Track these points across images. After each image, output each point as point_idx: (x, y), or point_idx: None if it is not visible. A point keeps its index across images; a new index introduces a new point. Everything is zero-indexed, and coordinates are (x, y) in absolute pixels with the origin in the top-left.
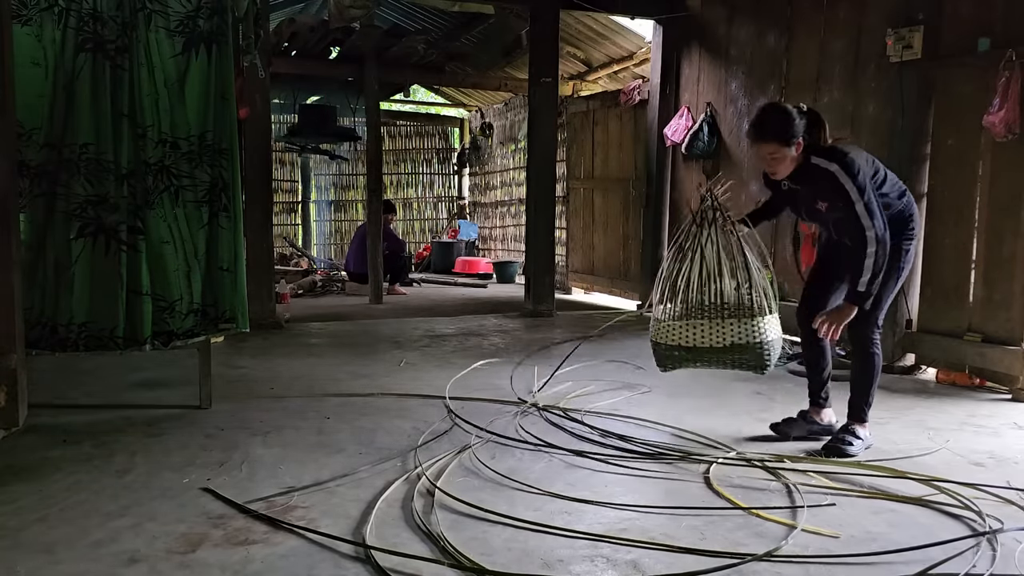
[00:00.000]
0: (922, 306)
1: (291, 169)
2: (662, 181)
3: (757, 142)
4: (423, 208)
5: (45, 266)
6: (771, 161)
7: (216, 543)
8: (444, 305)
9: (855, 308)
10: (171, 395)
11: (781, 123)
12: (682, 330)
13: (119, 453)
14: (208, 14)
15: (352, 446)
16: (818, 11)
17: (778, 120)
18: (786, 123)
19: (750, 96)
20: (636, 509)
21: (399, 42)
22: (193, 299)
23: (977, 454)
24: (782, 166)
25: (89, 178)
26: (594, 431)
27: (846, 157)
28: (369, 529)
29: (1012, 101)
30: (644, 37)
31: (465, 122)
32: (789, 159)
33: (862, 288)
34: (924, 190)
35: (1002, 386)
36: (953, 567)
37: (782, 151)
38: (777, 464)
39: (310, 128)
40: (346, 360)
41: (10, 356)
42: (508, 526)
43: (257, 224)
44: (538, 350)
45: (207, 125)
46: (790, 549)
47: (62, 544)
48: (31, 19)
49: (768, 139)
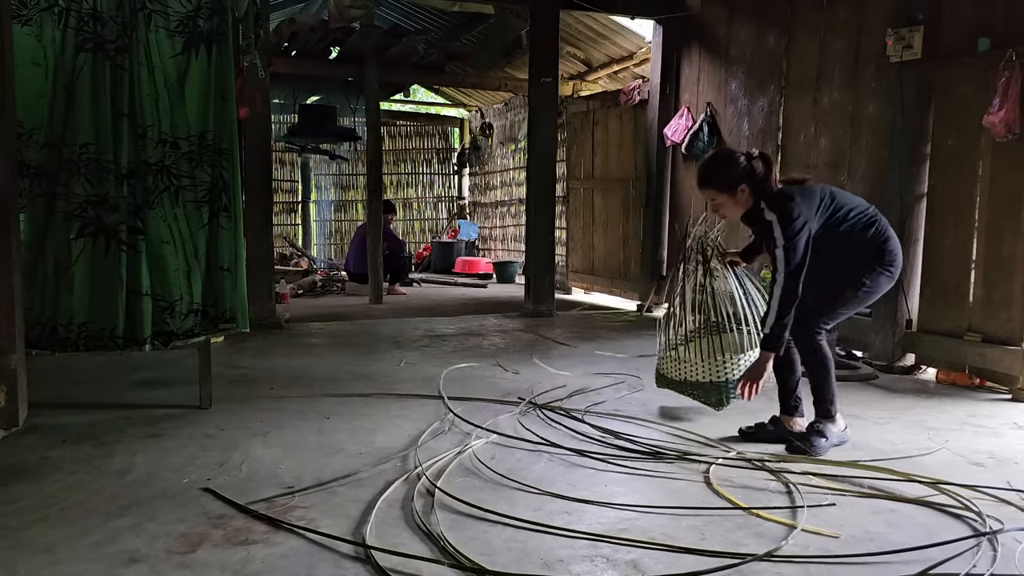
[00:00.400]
0: (922, 306)
1: (291, 169)
2: (662, 181)
3: (699, 187)
4: (423, 208)
5: (45, 266)
6: (714, 206)
7: (216, 543)
8: (444, 305)
9: (770, 357)
10: (171, 395)
11: (720, 171)
12: (665, 362)
13: (119, 453)
14: (208, 14)
15: (352, 446)
16: (818, 11)
17: (717, 168)
18: (725, 171)
19: (750, 96)
20: (636, 509)
21: (399, 42)
22: (193, 299)
23: (977, 454)
24: (726, 210)
25: (89, 178)
26: (594, 431)
27: (786, 207)
28: (369, 529)
29: (1012, 101)
30: (644, 37)
31: (465, 122)
32: (733, 204)
33: (767, 330)
34: (924, 190)
35: (1002, 386)
36: (953, 567)
37: (722, 197)
38: (777, 464)
39: (310, 128)
40: (346, 360)
41: (10, 356)
42: (508, 526)
43: (257, 224)
44: (538, 350)
45: (207, 125)
46: (790, 549)
47: (62, 544)
48: (31, 19)
49: (707, 186)
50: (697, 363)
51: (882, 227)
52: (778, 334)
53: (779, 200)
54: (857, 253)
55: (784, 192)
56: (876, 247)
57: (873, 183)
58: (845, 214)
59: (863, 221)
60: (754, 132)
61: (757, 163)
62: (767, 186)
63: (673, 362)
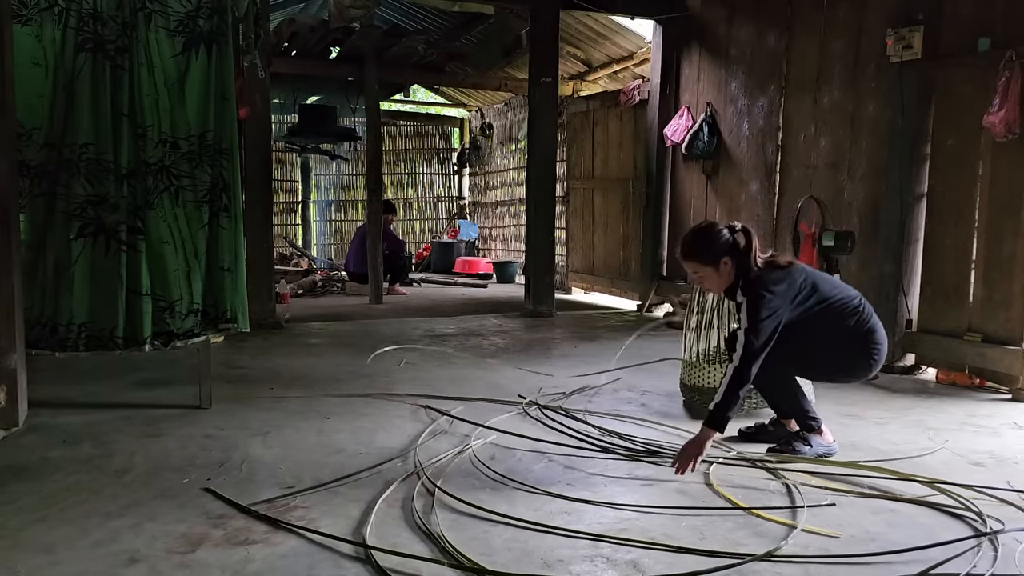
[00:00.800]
0: (922, 306)
1: (291, 169)
2: (662, 181)
3: (682, 260)
4: (423, 208)
5: (45, 266)
6: (697, 279)
7: (216, 543)
8: (444, 305)
9: (712, 434)
10: (171, 395)
11: (703, 244)
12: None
13: (119, 453)
14: (208, 14)
15: (352, 446)
16: (818, 11)
17: (700, 241)
18: (708, 244)
19: (750, 96)
20: (636, 509)
21: (399, 42)
22: (193, 299)
23: (977, 454)
24: (709, 283)
25: (89, 178)
26: (595, 430)
27: (759, 295)
28: (369, 529)
29: (1012, 101)
30: (644, 37)
31: (465, 122)
32: (716, 277)
33: (712, 408)
34: (924, 190)
35: (1002, 386)
36: (954, 567)
37: (704, 270)
38: (777, 464)
39: (310, 128)
40: (346, 360)
41: (10, 356)
42: (508, 526)
43: (257, 224)
44: (538, 350)
45: (207, 125)
46: (790, 549)
47: (62, 544)
48: (31, 19)
49: (690, 259)
50: (714, 371)
51: (866, 316)
52: (722, 415)
53: (754, 286)
54: (839, 342)
55: (763, 278)
56: (860, 337)
57: (873, 183)
58: (826, 303)
59: (846, 311)
60: (754, 132)
61: (739, 236)
62: (747, 261)
63: (695, 369)
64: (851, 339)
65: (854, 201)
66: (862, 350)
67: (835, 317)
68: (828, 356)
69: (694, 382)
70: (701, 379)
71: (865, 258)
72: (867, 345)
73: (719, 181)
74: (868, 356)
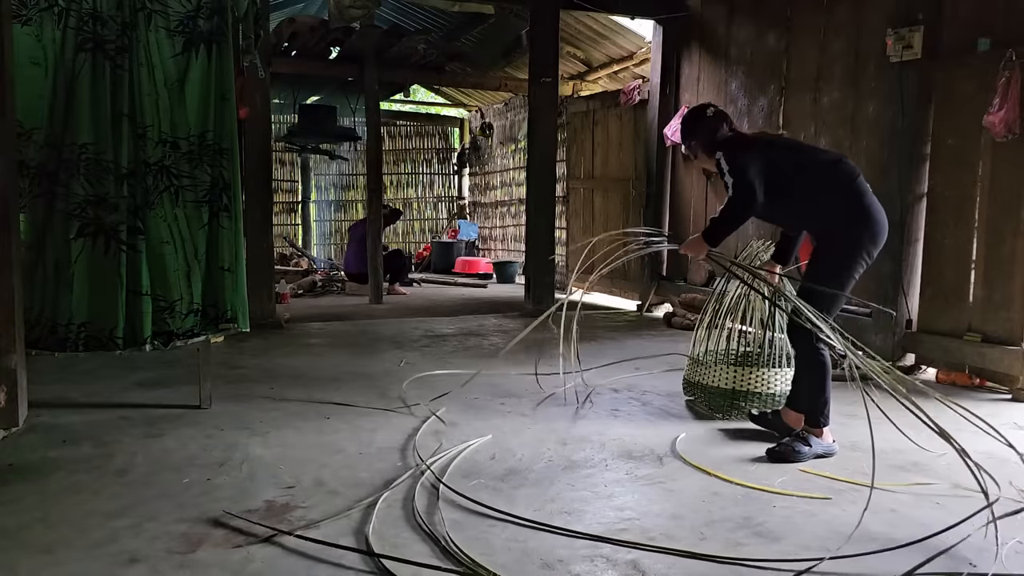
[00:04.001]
0: (922, 306)
1: (291, 169)
2: (662, 181)
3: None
4: (423, 208)
5: (45, 266)
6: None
7: (216, 543)
8: (444, 305)
9: (703, 243)
10: (171, 395)
11: (692, 122)
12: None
13: (119, 453)
14: (208, 14)
15: (352, 446)
16: (818, 11)
17: (690, 120)
18: (696, 122)
19: (750, 96)
20: (636, 509)
21: (399, 42)
22: (193, 299)
23: (977, 454)
24: (702, 162)
25: (88, 178)
26: (595, 428)
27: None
28: (370, 529)
29: (1012, 101)
30: (644, 37)
31: (465, 122)
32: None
33: (708, 223)
34: (924, 190)
35: (1002, 386)
36: (954, 567)
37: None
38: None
39: (310, 128)
40: (346, 360)
41: (10, 356)
42: (508, 526)
43: (257, 224)
44: (538, 350)
45: (207, 125)
46: (790, 549)
47: (62, 544)
48: (31, 19)
49: (684, 139)
50: (720, 370)
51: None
52: (715, 231)
53: (731, 141)
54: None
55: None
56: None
57: (873, 183)
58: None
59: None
60: (754, 132)
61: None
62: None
63: (701, 367)
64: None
65: None
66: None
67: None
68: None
69: (699, 379)
70: (707, 378)
71: None
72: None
73: (719, 181)
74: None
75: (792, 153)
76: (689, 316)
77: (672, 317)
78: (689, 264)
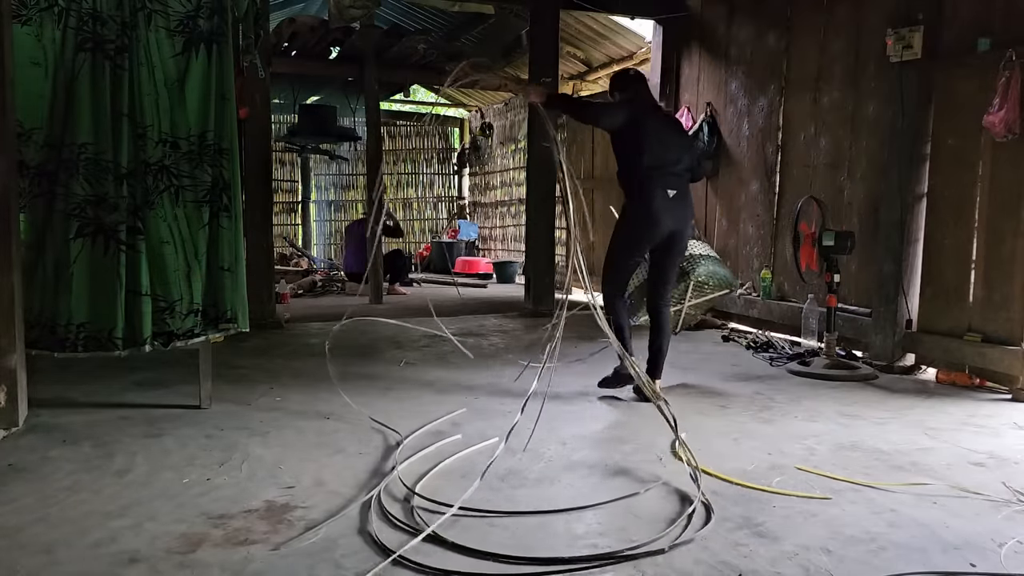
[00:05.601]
0: (922, 306)
1: (291, 169)
2: None
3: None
4: (423, 208)
5: (44, 266)
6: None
7: (216, 543)
8: (444, 305)
9: (547, 93)
10: (171, 395)
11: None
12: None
13: (119, 453)
14: (208, 14)
15: (352, 446)
16: (818, 11)
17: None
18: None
19: (750, 96)
20: (636, 509)
21: (399, 42)
22: (193, 299)
23: (977, 454)
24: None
25: (88, 178)
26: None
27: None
28: (370, 528)
29: (1012, 101)
30: (644, 37)
31: (465, 122)
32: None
33: (570, 96)
34: (924, 190)
35: (1002, 386)
36: (953, 567)
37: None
38: (776, 464)
39: (310, 128)
40: (346, 360)
41: (10, 356)
42: (508, 525)
43: (257, 224)
44: (538, 350)
45: (207, 125)
46: (791, 549)
47: (62, 544)
48: (31, 19)
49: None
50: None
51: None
52: (565, 100)
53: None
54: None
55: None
56: (632, 184)
57: (873, 183)
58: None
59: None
60: (754, 132)
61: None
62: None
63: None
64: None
65: (854, 201)
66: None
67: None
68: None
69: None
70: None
71: (865, 258)
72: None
73: (719, 181)
74: (633, 203)
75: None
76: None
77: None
78: None
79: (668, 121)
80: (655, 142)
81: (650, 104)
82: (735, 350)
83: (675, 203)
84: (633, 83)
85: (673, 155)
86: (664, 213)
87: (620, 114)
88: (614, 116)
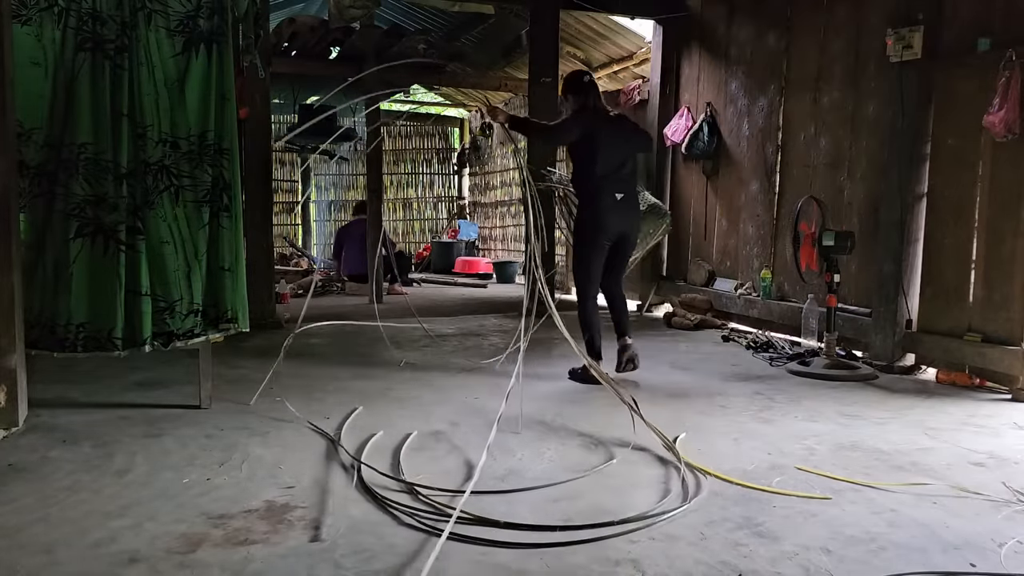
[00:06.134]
0: (922, 306)
1: (291, 169)
2: (662, 181)
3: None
4: (423, 208)
5: (44, 266)
6: (561, 101)
7: (216, 543)
8: (444, 305)
9: (511, 116)
10: (171, 395)
11: (566, 83)
12: None
13: (119, 453)
14: (208, 14)
15: (353, 446)
16: (818, 11)
17: (565, 81)
18: (568, 84)
19: (750, 96)
20: (635, 509)
21: (399, 42)
22: (193, 299)
23: (977, 454)
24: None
25: (87, 178)
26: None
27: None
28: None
29: (1012, 101)
30: (644, 37)
31: (465, 122)
32: (567, 105)
33: (533, 121)
34: (924, 190)
35: (1002, 386)
36: (953, 567)
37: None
38: (775, 464)
39: (310, 128)
40: (346, 360)
41: (10, 356)
42: (508, 525)
43: (257, 224)
44: (539, 350)
45: (207, 125)
46: (791, 549)
47: (62, 544)
48: (31, 19)
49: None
50: None
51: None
52: (525, 123)
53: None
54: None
55: (588, 107)
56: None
57: (873, 183)
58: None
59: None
60: (754, 132)
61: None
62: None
63: None
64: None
65: (854, 201)
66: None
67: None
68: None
69: None
70: None
71: (865, 258)
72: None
73: (719, 181)
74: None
75: (599, 151)
76: (689, 316)
77: (672, 317)
78: (689, 265)
79: (618, 127)
80: (606, 153)
81: (602, 113)
82: (735, 350)
83: (623, 205)
84: (585, 90)
85: (619, 159)
86: (613, 215)
87: (574, 131)
88: (568, 134)
